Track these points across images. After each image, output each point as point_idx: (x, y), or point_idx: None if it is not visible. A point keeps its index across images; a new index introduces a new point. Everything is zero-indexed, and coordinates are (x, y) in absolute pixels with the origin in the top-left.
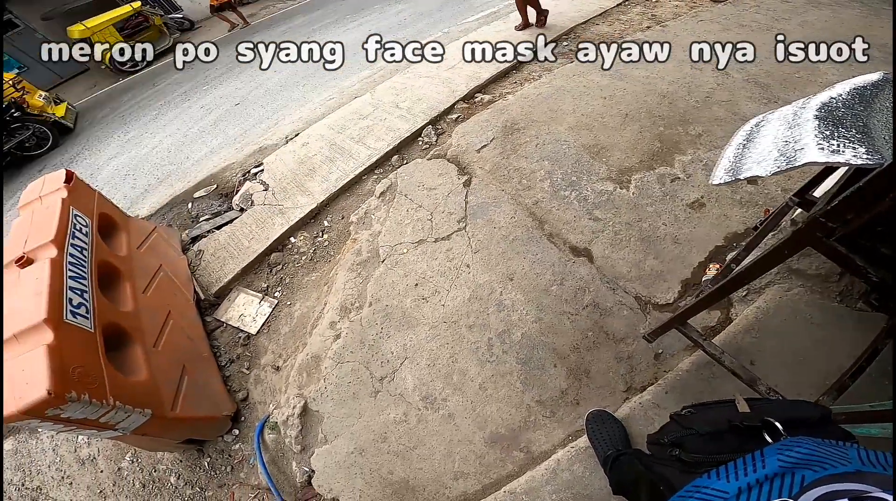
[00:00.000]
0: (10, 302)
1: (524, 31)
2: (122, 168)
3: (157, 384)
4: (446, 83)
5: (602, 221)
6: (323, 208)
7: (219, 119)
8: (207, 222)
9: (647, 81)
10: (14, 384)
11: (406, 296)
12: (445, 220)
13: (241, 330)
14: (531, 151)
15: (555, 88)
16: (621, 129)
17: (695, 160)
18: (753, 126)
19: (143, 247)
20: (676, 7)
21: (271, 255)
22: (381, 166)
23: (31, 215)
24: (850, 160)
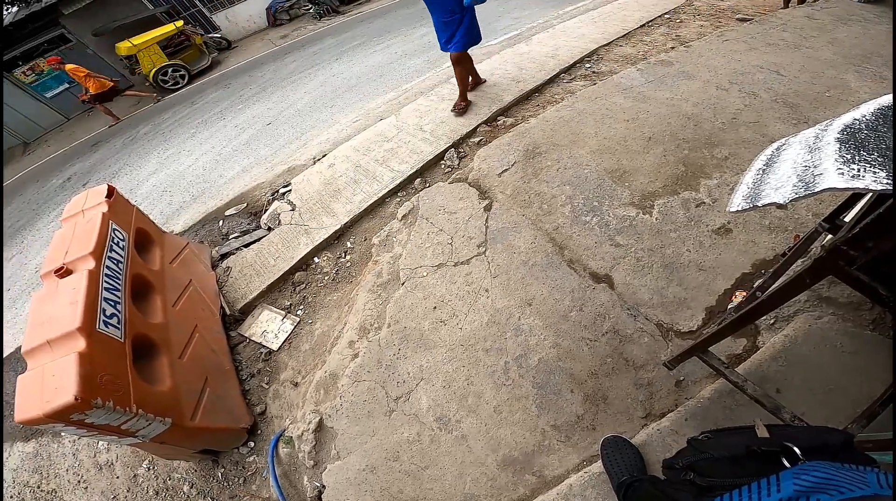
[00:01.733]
0: (48, 310)
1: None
2: (160, 185)
3: (179, 395)
4: (468, 107)
5: (624, 247)
6: (346, 230)
7: (251, 139)
8: (237, 239)
9: (671, 103)
10: (43, 389)
11: (424, 319)
12: (465, 244)
13: (263, 346)
14: (552, 176)
15: (577, 111)
16: (644, 152)
17: (721, 184)
18: (774, 150)
19: (175, 262)
20: (701, 27)
21: (295, 274)
22: (403, 189)
23: (73, 227)
24: (869, 186)
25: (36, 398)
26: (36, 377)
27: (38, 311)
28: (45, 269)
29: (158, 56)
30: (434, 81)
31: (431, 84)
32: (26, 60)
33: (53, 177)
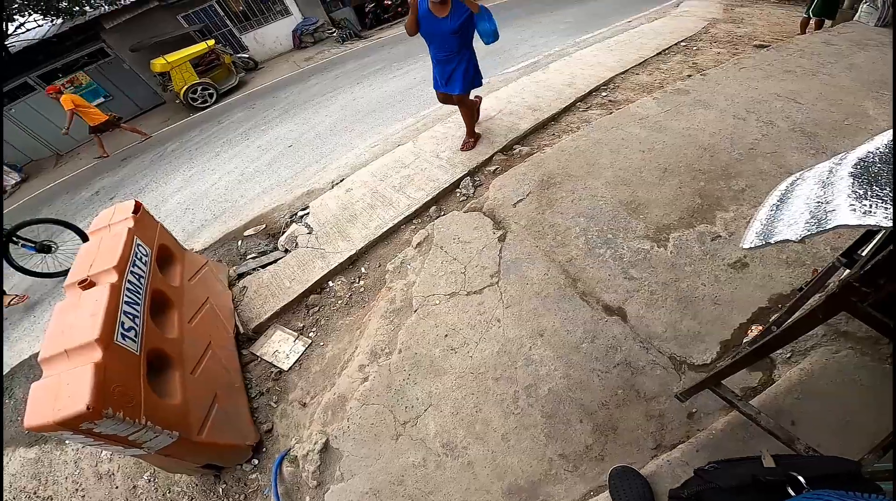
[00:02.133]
0: (68, 320)
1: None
2: (183, 202)
3: (188, 409)
4: (485, 135)
5: (638, 280)
6: (361, 255)
7: (273, 160)
8: (254, 260)
9: (688, 133)
10: (57, 397)
11: (435, 346)
12: (479, 274)
13: (274, 365)
14: (567, 207)
15: (592, 141)
16: (660, 184)
17: (737, 217)
18: (788, 185)
19: (193, 279)
20: (718, 54)
21: (309, 296)
22: (419, 216)
23: (99, 241)
24: (880, 223)
25: (48, 405)
26: (50, 385)
27: (58, 321)
28: (69, 280)
29: (190, 74)
30: (452, 107)
31: (449, 111)
32: (66, 73)
33: (83, 189)
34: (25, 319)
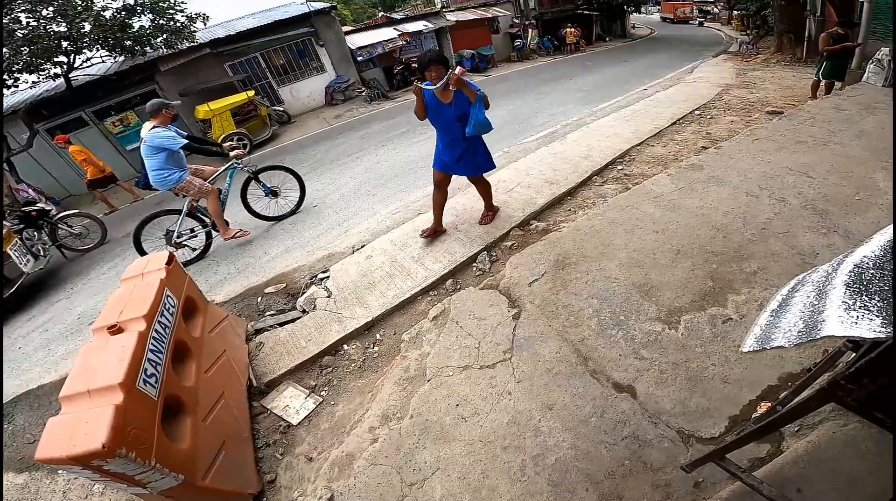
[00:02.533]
0: (94, 362)
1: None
2: (209, 254)
3: (196, 454)
4: (503, 208)
5: (648, 360)
6: (377, 322)
7: (297, 219)
8: (272, 317)
9: (701, 212)
10: (73, 433)
11: (446, 414)
12: (492, 349)
13: (284, 419)
14: (581, 288)
15: (607, 221)
16: (673, 266)
17: (749, 300)
18: (790, 289)
19: (214, 331)
20: (731, 122)
21: (324, 358)
22: (435, 288)
23: (132, 288)
24: (863, 334)
25: (63, 440)
26: (68, 422)
27: (84, 362)
28: (98, 323)
29: (228, 123)
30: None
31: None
32: (118, 111)
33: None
34: (41, 349)
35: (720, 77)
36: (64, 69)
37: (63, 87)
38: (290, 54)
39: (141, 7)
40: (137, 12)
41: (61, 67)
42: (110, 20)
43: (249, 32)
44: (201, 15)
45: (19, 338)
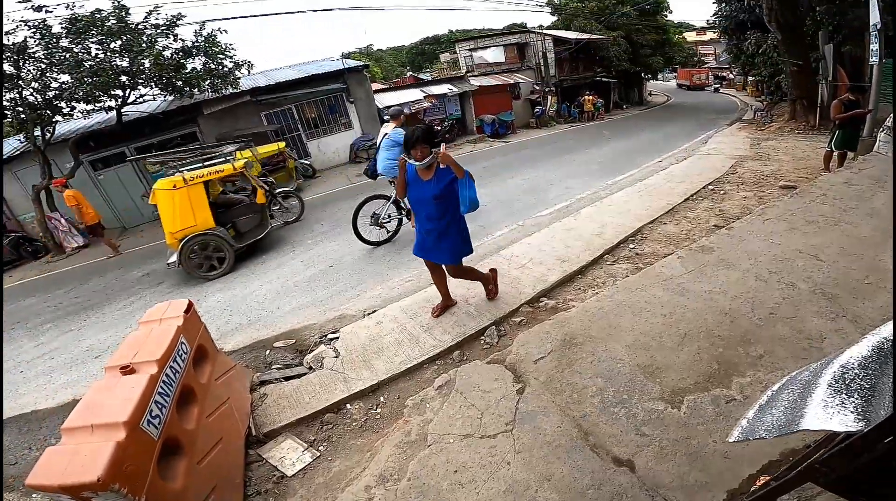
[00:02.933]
0: (101, 399)
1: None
2: (223, 302)
3: (186, 495)
4: (514, 284)
5: (649, 436)
6: (382, 386)
7: (312, 278)
8: (279, 370)
9: (710, 297)
10: (69, 464)
11: (444, 479)
12: (494, 421)
13: (278, 470)
14: (586, 367)
15: (616, 303)
16: (678, 349)
17: (754, 382)
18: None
19: (220, 379)
20: (744, 199)
21: (326, 414)
22: (442, 358)
23: (149, 332)
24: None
25: (58, 469)
26: (66, 453)
27: (91, 397)
28: (111, 362)
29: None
30: (485, 250)
31: (481, 253)
32: (158, 149)
33: (135, 268)
34: (42, 376)
35: (734, 148)
36: (118, 103)
37: (114, 120)
38: (322, 109)
39: (196, 50)
40: (192, 55)
41: (116, 101)
42: (168, 60)
43: (288, 84)
44: (246, 62)
45: (23, 363)
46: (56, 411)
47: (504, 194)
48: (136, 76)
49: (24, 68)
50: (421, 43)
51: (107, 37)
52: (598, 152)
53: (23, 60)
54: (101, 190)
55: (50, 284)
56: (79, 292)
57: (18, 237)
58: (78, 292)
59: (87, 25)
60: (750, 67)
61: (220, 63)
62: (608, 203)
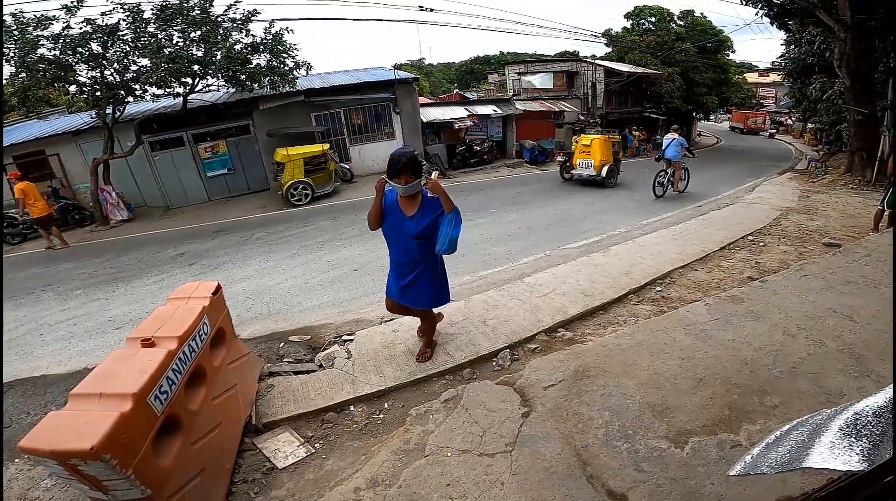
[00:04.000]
0: (116, 369)
1: None
2: (248, 290)
3: (172, 474)
4: (534, 311)
5: (647, 473)
6: (389, 392)
7: (336, 279)
8: (289, 364)
9: (732, 346)
10: (67, 430)
11: (435, 491)
12: (495, 440)
13: (270, 461)
14: (595, 400)
15: (635, 342)
16: (692, 392)
17: (763, 430)
18: (788, 428)
19: (232, 365)
20: (784, 253)
21: (328, 413)
22: (452, 374)
23: (175, 308)
24: (837, 466)
25: (54, 434)
26: (67, 418)
27: (107, 366)
28: (134, 334)
29: (299, 170)
30: (509, 275)
31: (505, 278)
32: (213, 138)
33: (170, 247)
34: (60, 341)
35: (781, 199)
36: (185, 90)
37: (179, 106)
38: (368, 116)
39: (263, 46)
40: (259, 51)
41: (185, 88)
42: (237, 53)
43: (340, 88)
44: (306, 64)
45: (46, 326)
46: (64, 378)
47: (534, 222)
48: (206, 66)
49: (111, 49)
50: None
51: (189, 26)
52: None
53: (111, 41)
54: (154, 170)
55: (89, 252)
56: (114, 263)
57: (69, 204)
58: (113, 263)
59: (174, 13)
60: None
61: (283, 62)
62: (640, 243)
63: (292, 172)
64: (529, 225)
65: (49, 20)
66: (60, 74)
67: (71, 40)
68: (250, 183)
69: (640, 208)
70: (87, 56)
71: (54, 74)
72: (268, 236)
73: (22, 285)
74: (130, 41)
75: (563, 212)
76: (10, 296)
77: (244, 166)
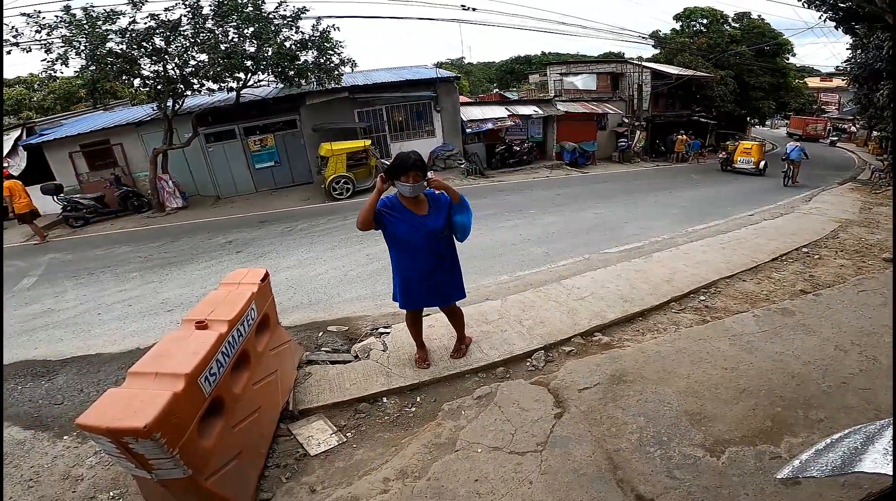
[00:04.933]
0: (172, 349)
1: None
2: (291, 279)
3: (212, 455)
4: (571, 314)
5: (679, 480)
6: (422, 386)
7: (375, 272)
8: (326, 354)
9: (780, 358)
10: (124, 407)
11: (463, 486)
12: (526, 439)
13: (303, 447)
14: (630, 405)
15: (675, 349)
16: (733, 403)
17: (805, 444)
18: (840, 435)
19: (274, 351)
20: (841, 267)
21: (361, 403)
22: (486, 372)
23: (226, 293)
24: (889, 472)
25: (111, 412)
26: (124, 395)
27: (164, 346)
28: (189, 316)
29: (342, 165)
30: (546, 276)
31: (543, 279)
32: (262, 132)
33: (220, 235)
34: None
35: (840, 210)
36: (238, 85)
37: (232, 100)
38: (409, 113)
39: (311, 43)
40: (307, 47)
41: (238, 82)
42: (287, 50)
43: (383, 85)
44: (351, 61)
45: (104, 305)
46: (117, 357)
47: (574, 225)
48: (258, 62)
49: (172, 44)
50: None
51: (243, 22)
52: (682, 196)
53: (173, 37)
54: (207, 160)
55: (145, 236)
56: (168, 248)
57: (129, 191)
58: (167, 248)
59: (230, 9)
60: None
61: (329, 59)
62: (684, 251)
63: (335, 166)
64: (568, 228)
65: (117, 15)
66: (127, 67)
67: (136, 35)
68: (295, 176)
69: (686, 215)
70: (150, 51)
71: (121, 68)
72: (310, 228)
73: (84, 266)
74: (190, 36)
75: (603, 217)
76: (73, 275)
77: (290, 160)
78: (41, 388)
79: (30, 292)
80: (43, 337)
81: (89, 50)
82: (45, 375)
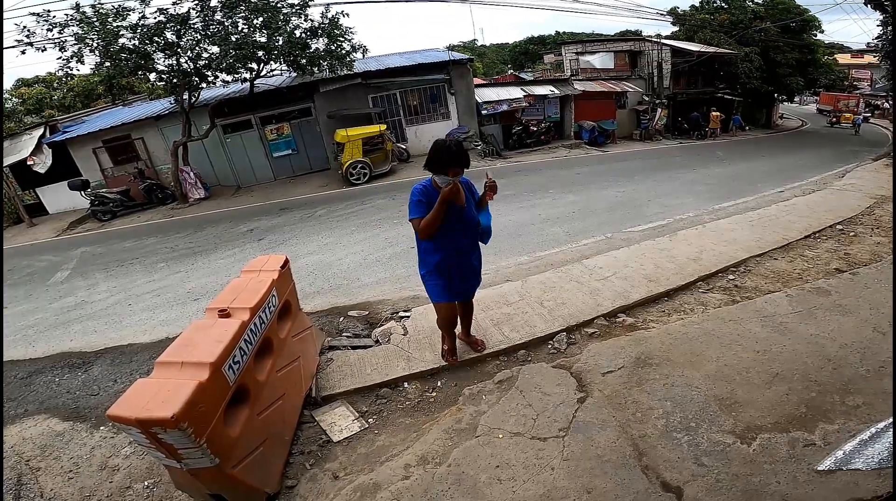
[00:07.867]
0: (197, 338)
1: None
2: (311, 265)
3: (238, 443)
4: (594, 294)
5: (707, 467)
6: (443, 371)
7: (394, 256)
8: (347, 339)
9: (815, 340)
10: (152, 398)
11: (484, 471)
12: (548, 424)
13: (326, 434)
14: (656, 389)
15: (703, 331)
16: (765, 387)
17: (841, 431)
18: (885, 425)
19: (296, 337)
20: (877, 245)
21: (382, 389)
22: (507, 355)
23: (247, 281)
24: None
25: (140, 402)
26: (152, 386)
27: (189, 335)
28: (213, 304)
29: (357, 150)
30: (567, 256)
31: (563, 259)
32: (277, 121)
33: (242, 223)
34: (145, 312)
35: (876, 186)
36: (251, 75)
37: (246, 91)
38: (424, 97)
39: (321, 31)
40: (318, 35)
41: (251, 73)
42: (297, 38)
43: (396, 70)
44: (362, 47)
45: (133, 296)
46: (148, 347)
47: (595, 204)
48: (270, 52)
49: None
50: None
51: (251, 12)
52: (707, 173)
53: (184, 30)
54: (226, 151)
55: (171, 228)
56: (192, 238)
57: (152, 184)
58: (192, 238)
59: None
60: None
61: (340, 46)
62: (711, 229)
63: (351, 152)
64: (589, 207)
65: (126, 11)
66: (140, 62)
67: (147, 29)
68: (312, 163)
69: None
70: (163, 45)
71: (135, 63)
72: (329, 214)
73: (115, 258)
74: (201, 29)
75: (625, 195)
76: (103, 268)
77: (306, 147)
78: (78, 379)
79: (63, 286)
80: (78, 329)
81: (102, 47)
82: (81, 366)
